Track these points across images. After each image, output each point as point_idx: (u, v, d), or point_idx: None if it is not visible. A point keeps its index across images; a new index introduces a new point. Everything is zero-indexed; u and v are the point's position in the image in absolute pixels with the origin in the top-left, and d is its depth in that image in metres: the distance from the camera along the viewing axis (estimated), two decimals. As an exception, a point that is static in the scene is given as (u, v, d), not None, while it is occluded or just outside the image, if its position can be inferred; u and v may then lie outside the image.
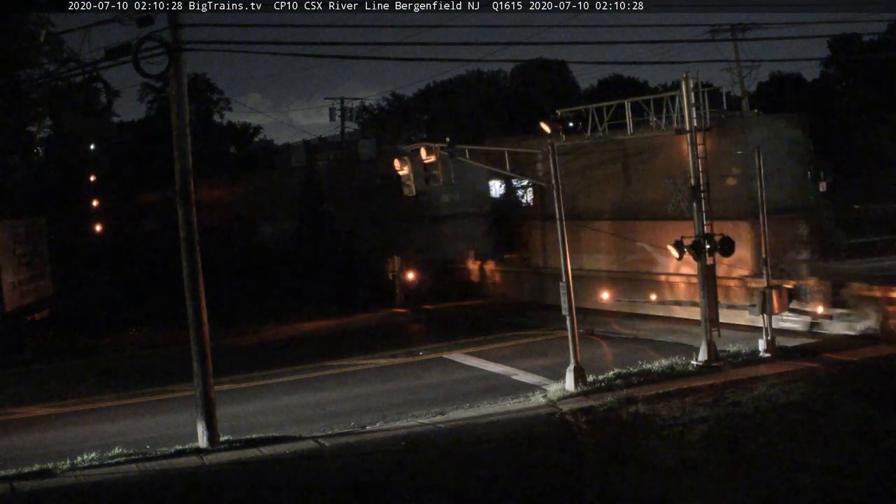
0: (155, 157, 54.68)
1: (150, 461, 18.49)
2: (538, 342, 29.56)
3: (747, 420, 19.21)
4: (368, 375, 26.38)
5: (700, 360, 23.95)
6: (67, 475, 17.80)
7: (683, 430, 18.74)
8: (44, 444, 20.44)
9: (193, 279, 19.64)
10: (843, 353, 24.31)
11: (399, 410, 21.75)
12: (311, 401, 23.67)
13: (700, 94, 24.41)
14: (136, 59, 18.38)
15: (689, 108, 24.25)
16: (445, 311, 38.82)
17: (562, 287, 23.13)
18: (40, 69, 34.89)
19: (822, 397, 20.36)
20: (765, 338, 24.63)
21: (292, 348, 32.02)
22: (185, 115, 19.59)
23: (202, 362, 19.64)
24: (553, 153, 23.25)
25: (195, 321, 19.66)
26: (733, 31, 45.79)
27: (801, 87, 61.83)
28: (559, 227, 23.14)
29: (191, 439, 19.53)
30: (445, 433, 19.65)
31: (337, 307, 40.46)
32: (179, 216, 19.68)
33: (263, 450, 18.98)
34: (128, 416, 23.19)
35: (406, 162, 24.39)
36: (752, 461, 16.66)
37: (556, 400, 21.69)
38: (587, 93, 68.54)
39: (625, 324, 31.30)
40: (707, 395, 21.10)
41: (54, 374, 29.63)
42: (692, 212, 24.55)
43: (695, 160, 24.32)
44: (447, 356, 28.21)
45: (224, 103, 71.23)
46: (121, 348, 34.09)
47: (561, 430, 19.64)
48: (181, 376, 23.69)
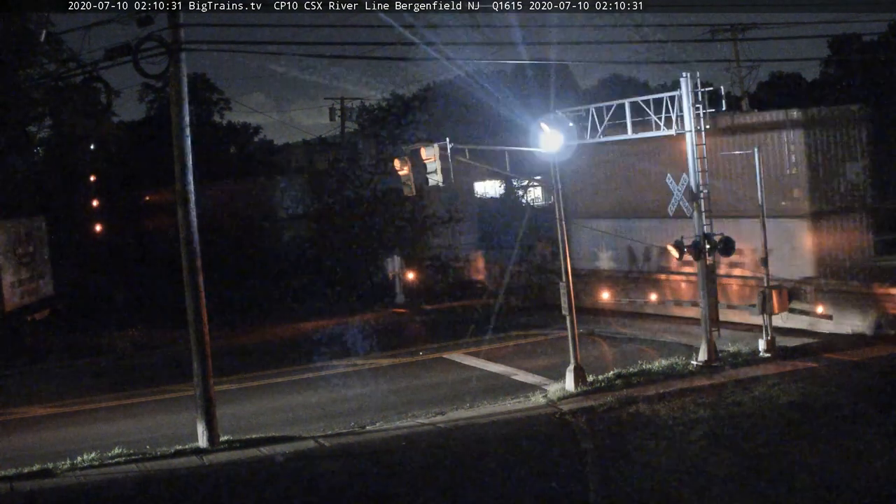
0: (155, 157, 54.65)
1: (149, 461, 18.49)
2: (538, 342, 29.56)
3: (747, 420, 19.21)
4: (368, 375, 26.38)
5: (700, 360, 23.95)
6: (67, 475, 17.80)
7: (683, 430, 18.75)
8: (44, 444, 20.44)
9: (193, 279, 19.64)
10: (844, 353, 24.29)
11: (399, 410, 21.76)
12: (311, 401, 23.67)
13: (700, 94, 24.41)
14: (136, 59, 18.39)
15: (689, 108, 24.27)
16: (445, 310, 38.79)
17: (562, 287, 23.13)
18: (40, 69, 34.90)
19: (822, 397, 20.35)
20: (765, 338, 24.64)
21: (292, 348, 32.01)
22: (185, 115, 19.58)
23: (202, 362, 19.65)
24: (553, 155, 23.25)
25: (195, 321, 19.66)
26: (733, 31, 45.76)
27: (801, 87, 61.84)
28: (559, 227, 23.15)
29: (191, 439, 19.53)
30: (446, 433, 19.65)
31: (337, 307, 40.46)
32: (179, 216, 19.68)
33: (263, 450, 18.98)
34: (128, 416, 23.20)
35: (406, 162, 24.38)
36: (753, 461, 16.66)
37: (556, 400, 21.69)
38: (587, 93, 68.53)
39: (625, 324, 31.31)
40: (707, 395, 21.10)
41: (54, 374, 29.68)
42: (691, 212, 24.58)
43: (695, 160, 24.36)
44: (447, 356, 28.21)
45: (224, 103, 71.20)
46: (121, 348, 34.09)
47: (561, 430, 19.64)
48: (181, 376, 23.70)
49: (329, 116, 58.83)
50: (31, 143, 45.34)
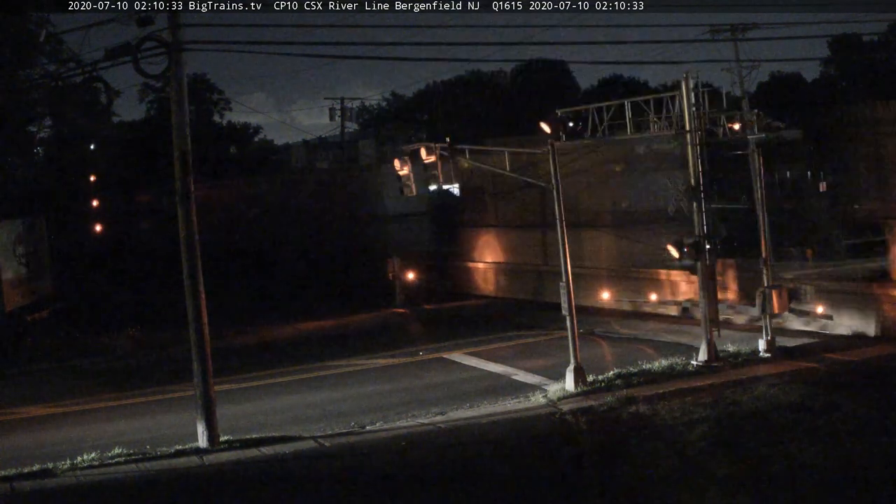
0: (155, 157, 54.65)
1: (150, 461, 18.47)
2: (538, 342, 29.55)
3: (747, 420, 19.19)
4: (368, 375, 26.37)
5: (700, 360, 23.94)
6: (67, 475, 17.79)
7: (683, 430, 18.73)
8: (44, 444, 20.43)
9: (193, 278, 19.63)
10: (844, 353, 24.29)
11: (399, 410, 21.75)
12: (311, 401, 23.66)
13: (700, 94, 24.40)
14: (136, 59, 18.39)
15: (689, 109, 24.25)
16: (446, 310, 38.79)
17: (562, 287, 23.12)
18: (40, 69, 34.91)
19: (821, 397, 20.33)
20: (765, 338, 24.63)
21: (292, 348, 32.00)
22: (185, 115, 19.58)
23: (202, 362, 19.63)
24: (553, 153, 23.23)
25: (195, 321, 19.64)
26: (733, 31, 45.73)
27: (801, 87, 61.87)
28: (559, 227, 23.13)
29: (191, 439, 19.52)
30: (446, 433, 19.65)
31: (337, 307, 40.46)
32: (179, 216, 19.67)
33: (263, 450, 18.97)
34: (128, 416, 23.19)
35: (406, 162, 24.38)
36: (753, 461, 16.65)
37: (556, 400, 21.68)
38: (587, 93, 68.57)
39: (625, 323, 31.30)
40: (707, 395, 21.08)
41: (54, 374, 29.66)
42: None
43: (695, 160, 24.34)
44: (447, 356, 28.20)
45: (224, 103, 71.23)
46: (121, 348, 34.09)
47: (561, 430, 19.63)
48: (181, 376, 23.72)
49: (329, 116, 58.93)
50: (31, 143, 45.32)
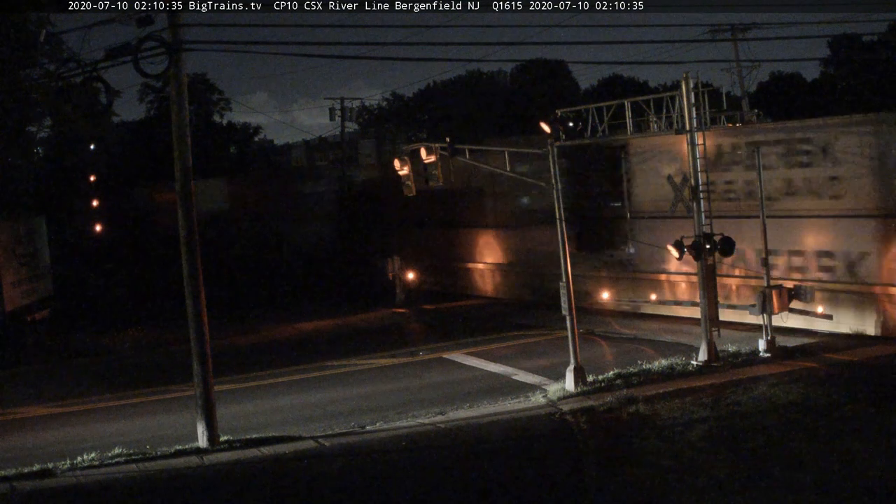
0: (155, 158, 54.73)
1: (150, 461, 18.49)
2: (538, 342, 29.55)
3: (747, 420, 19.19)
4: (368, 375, 26.38)
5: (700, 360, 23.95)
6: (67, 475, 17.81)
7: (683, 430, 18.73)
8: (44, 444, 20.45)
9: (193, 278, 19.64)
10: (844, 353, 24.30)
11: (399, 410, 21.76)
12: (311, 401, 23.67)
13: (700, 94, 24.42)
14: (136, 59, 18.39)
15: (689, 108, 24.27)
16: (445, 311, 38.80)
17: (562, 287, 23.13)
18: (40, 69, 34.86)
19: (822, 397, 20.34)
20: (765, 338, 24.63)
21: (292, 348, 32.02)
22: (185, 115, 19.60)
23: (202, 362, 19.64)
24: (553, 153, 23.24)
25: (195, 321, 19.65)
26: (733, 31, 45.84)
27: (801, 87, 61.91)
28: (559, 227, 23.14)
29: (191, 439, 19.53)
30: (446, 433, 19.65)
31: (337, 307, 40.47)
32: (179, 216, 19.68)
33: (263, 450, 18.98)
34: (128, 416, 23.20)
35: (406, 162, 24.40)
36: (753, 461, 16.65)
37: (556, 400, 21.69)
38: (587, 93, 68.64)
39: (624, 323, 31.30)
40: (707, 395, 21.09)
41: (54, 374, 29.68)
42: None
43: (695, 160, 24.36)
44: (447, 356, 28.21)
45: (224, 103, 71.39)
46: (121, 348, 34.10)
47: (561, 430, 19.63)
48: (181, 376, 23.74)
49: (329, 116, 58.98)
50: (31, 143, 45.32)
